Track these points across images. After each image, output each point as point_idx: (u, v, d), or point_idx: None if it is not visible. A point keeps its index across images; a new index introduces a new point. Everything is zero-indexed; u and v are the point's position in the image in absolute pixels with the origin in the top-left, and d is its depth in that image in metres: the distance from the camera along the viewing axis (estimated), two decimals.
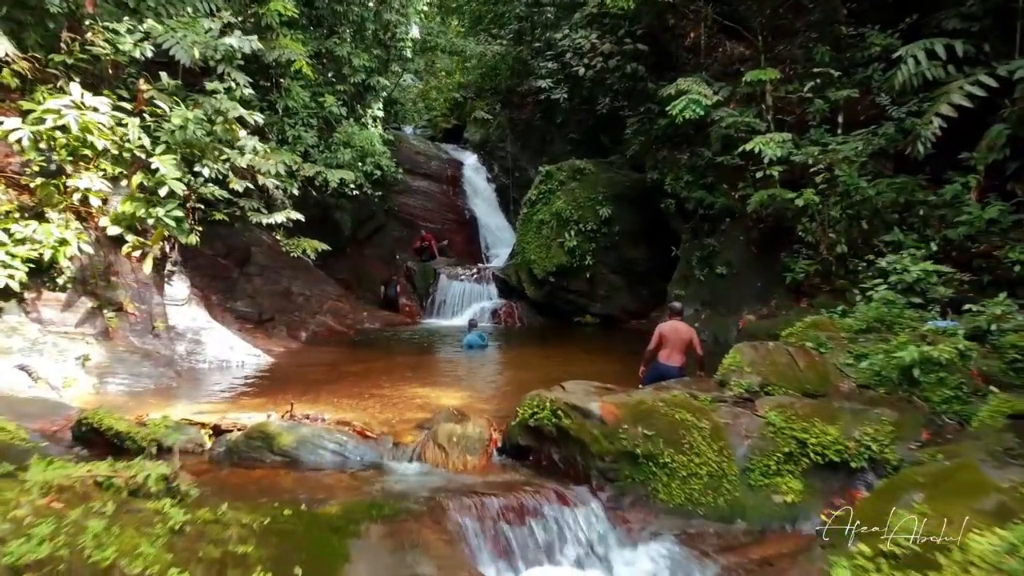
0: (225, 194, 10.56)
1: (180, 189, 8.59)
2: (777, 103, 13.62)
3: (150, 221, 8.47)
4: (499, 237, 23.98)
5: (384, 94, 15.62)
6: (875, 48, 12.19)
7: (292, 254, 11.51)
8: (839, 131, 12.62)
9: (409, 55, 16.91)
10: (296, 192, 13.42)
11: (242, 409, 6.86)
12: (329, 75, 14.60)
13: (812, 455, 5.28)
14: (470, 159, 25.89)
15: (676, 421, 5.30)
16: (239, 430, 5.85)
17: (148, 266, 8.68)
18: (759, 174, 11.60)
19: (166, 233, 9.17)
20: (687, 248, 15.01)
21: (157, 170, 8.49)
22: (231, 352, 9.89)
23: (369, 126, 14.95)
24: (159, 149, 8.70)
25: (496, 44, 23.16)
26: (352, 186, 14.80)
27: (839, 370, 6.44)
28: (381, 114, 15.33)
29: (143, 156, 8.75)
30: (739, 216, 14.29)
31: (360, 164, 14.26)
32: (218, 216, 11.03)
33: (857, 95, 12.22)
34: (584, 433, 5.24)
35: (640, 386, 8.14)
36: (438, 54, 22.67)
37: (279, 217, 10.69)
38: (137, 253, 8.66)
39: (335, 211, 17.12)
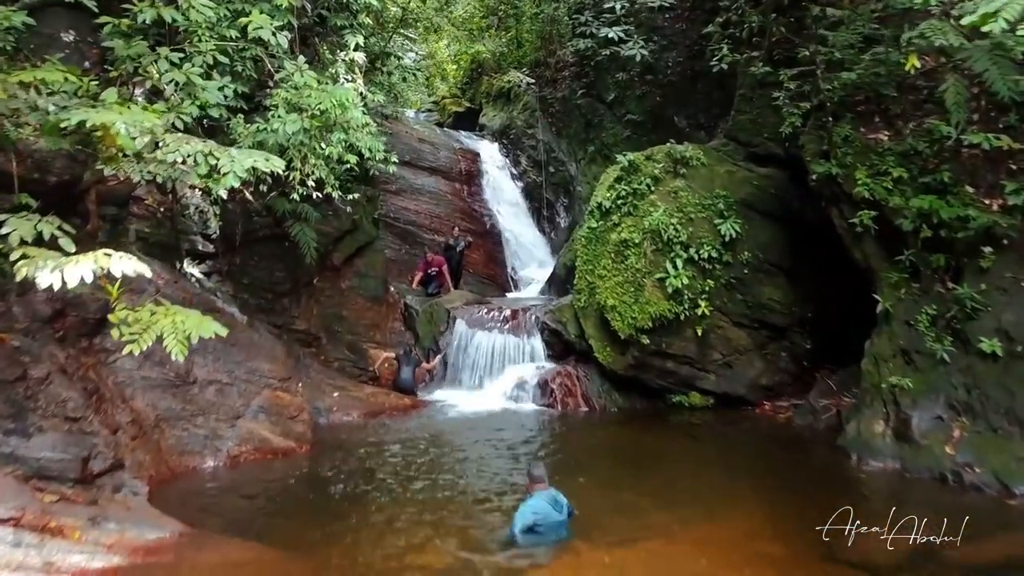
0: None
1: None
2: None
3: None
4: (530, 253, 18.62)
5: (367, 22, 8.94)
6: None
7: (128, 350, 4.82)
8: None
9: None
10: (223, 193, 7.24)
11: None
12: None
13: None
14: (489, 149, 20.26)
15: None
16: None
17: None
18: None
19: None
20: (902, 300, 8.42)
21: None
22: None
23: (342, 76, 8.33)
24: None
25: None
26: (307, 185, 8.27)
27: None
28: (361, 58, 8.68)
29: None
30: (1012, 243, 7.80)
31: (319, 144, 7.66)
32: None
33: None
34: None
35: None
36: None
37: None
38: None
39: (292, 223, 10.56)
